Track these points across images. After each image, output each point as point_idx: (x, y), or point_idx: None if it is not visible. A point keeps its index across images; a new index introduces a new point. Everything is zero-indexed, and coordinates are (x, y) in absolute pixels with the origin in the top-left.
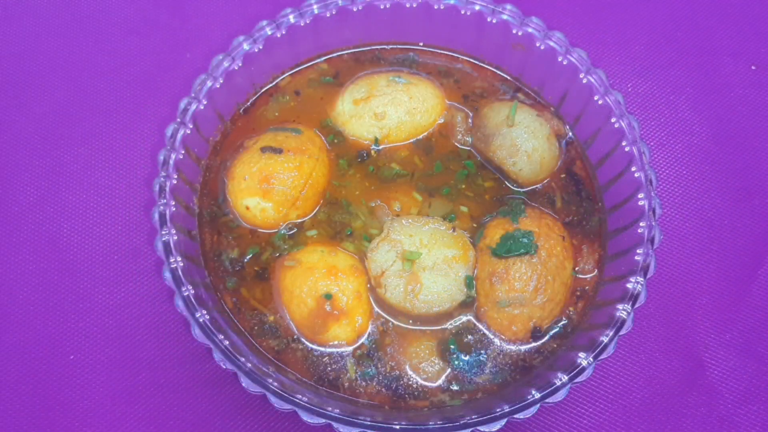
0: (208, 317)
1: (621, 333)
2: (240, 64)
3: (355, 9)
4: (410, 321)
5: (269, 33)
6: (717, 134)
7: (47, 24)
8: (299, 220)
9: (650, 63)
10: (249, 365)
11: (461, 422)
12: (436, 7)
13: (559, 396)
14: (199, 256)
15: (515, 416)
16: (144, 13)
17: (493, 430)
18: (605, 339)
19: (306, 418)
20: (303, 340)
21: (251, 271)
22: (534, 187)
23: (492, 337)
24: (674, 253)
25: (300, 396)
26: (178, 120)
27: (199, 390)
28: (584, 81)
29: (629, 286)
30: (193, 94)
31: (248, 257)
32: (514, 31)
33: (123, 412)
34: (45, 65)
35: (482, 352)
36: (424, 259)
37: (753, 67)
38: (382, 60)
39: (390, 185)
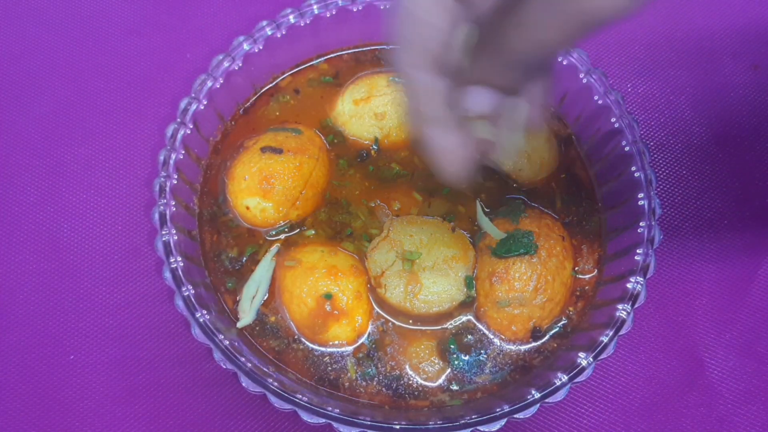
0: (208, 317)
1: (621, 333)
2: (240, 64)
3: (355, 9)
4: (410, 321)
5: (269, 33)
6: (717, 134)
7: (47, 24)
8: (299, 220)
9: (650, 63)
10: (249, 365)
11: (461, 422)
12: None
13: (559, 396)
14: (199, 256)
15: (515, 416)
16: (144, 13)
17: (493, 430)
18: (605, 339)
19: (306, 418)
20: (303, 340)
21: (251, 270)
22: (534, 187)
23: (492, 337)
24: (674, 253)
25: (300, 396)
26: (179, 120)
27: (199, 390)
28: (584, 81)
29: (629, 286)
30: (193, 94)
31: (246, 257)
32: None
33: (123, 412)
34: (45, 65)
35: (482, 352)
36: (424, 259)
37: (753, 68)
38: (382, 60)
39: (390, 185)
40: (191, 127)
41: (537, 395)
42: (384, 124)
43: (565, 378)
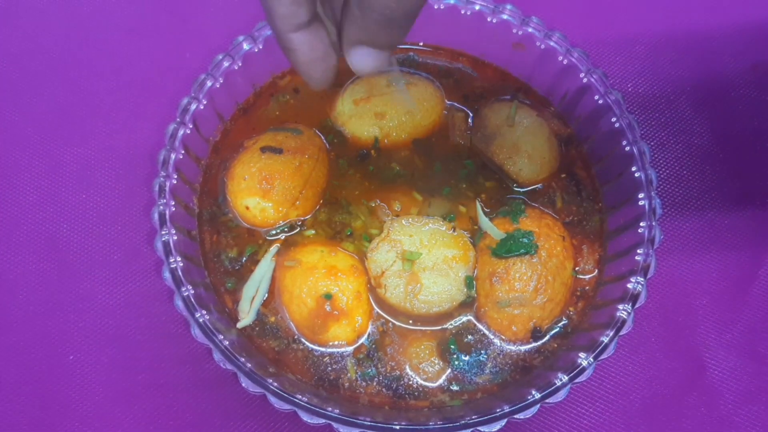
0: (207, 317)
1: (621, 333)
2: (240, 64)
3: None
4: (410, 321)
5: (269, 33)
6: (717, 134)
7: (47, 24)
8: (299, 220)
9: (650, 63)
10: (249, 365)
11: (461, 422)
12: (436, 7)
13: (559, 396)
14: (198, 256)
15: (515, 416)
16: (144, 13)
17: (493, 430)
18: (605, 339)
19: (306, 418)
20: (303, 340)
21: (250, 270)
22: (534, 187)
23: (492, 337)
24: (674, 253)
25: (300, 396)
26: (178, 120)
27: (199, 390)
28: (584, 81)
29: (629, 286)
30: (193, 94)
31: (246, 257)
32: (515, 31)
33: (123, 412)
34: (45, 65)
35: (482, 352)
36: (424, 259)
37: (753, 68)
38: None
39: (390, 185)
40: (191, 126)
41: (537, 396)
42: (384, 124)
43: (565, 378)
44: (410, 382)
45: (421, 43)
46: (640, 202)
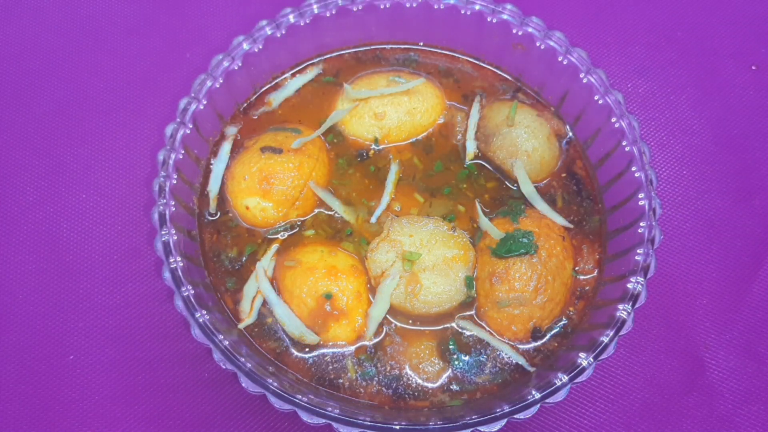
0: (207, 317)
1: (621, 333)
2: (240, 64)
3: (355, 9)
4: (410, 321)
5: (269, 33)
6: (717, 134)
7: (47, 24)
8: (299, 220)
9: (650, 63)
10: (249, 365)
11: (461, 422)
12: (436, 7)
13: (560, 396)
14: (198, 256)
15: (515, 416)
16: (144, 13)
17: (494, 430)
18: (605, 339)
19: (306, 418)
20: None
21: (250, 270)
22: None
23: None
24: (674, 253)
25: (300, 396)
26: (178, 120)
27: (199, 390)
28: (584, 81)
29: (629, 286)
30: (192, 94)
31: (246, 256)
32: (515, 31)
33: (123, 412)
34: (45, 65)
35: (482, 352)
36: (424, 260)
37: (753, 68)
38: (382, 60)
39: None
40: (191, 126)
41: (537, 395)
42: (384, 124)
43: (565, 378)
44: (410, 382)
45: (421, 43)
46: (641, 202)
